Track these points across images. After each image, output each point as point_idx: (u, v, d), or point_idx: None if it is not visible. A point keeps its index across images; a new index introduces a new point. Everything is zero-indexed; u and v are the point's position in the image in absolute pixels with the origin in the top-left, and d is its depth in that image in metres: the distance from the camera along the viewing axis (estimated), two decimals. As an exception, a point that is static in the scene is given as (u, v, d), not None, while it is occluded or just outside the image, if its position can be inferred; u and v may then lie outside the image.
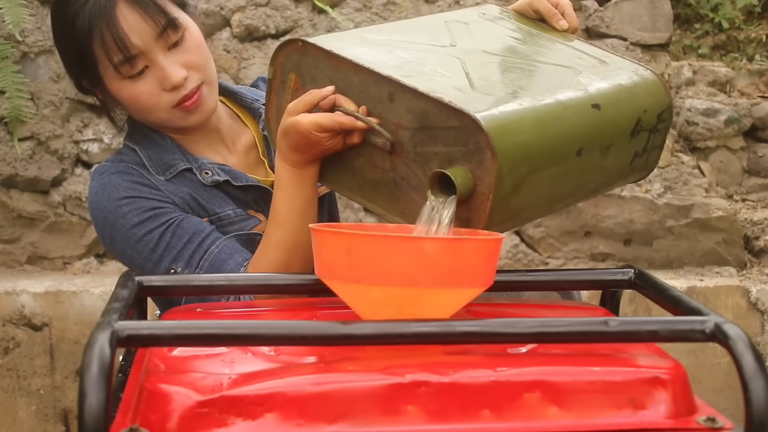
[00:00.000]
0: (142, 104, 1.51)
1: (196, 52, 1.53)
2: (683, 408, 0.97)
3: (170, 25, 1.49)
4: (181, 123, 1.54)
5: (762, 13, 4.36)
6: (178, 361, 1.01)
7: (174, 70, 1.49)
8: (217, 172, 1.57)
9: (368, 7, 3.22)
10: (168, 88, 1.50)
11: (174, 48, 1.50)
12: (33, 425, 2.98)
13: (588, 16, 3.36)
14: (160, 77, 1.49)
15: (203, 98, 1.53)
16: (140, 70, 1.49)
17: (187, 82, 1.51)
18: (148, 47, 1.48)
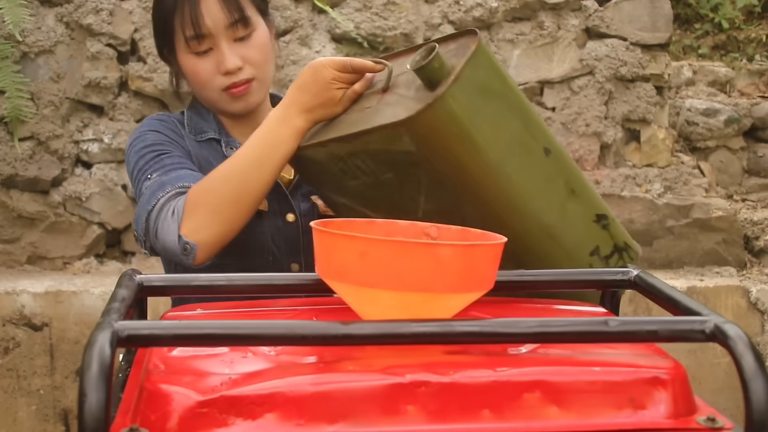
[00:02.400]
0: (198, 79, 1.69)
1: (257, 50, 1.70)
2: (683, 408, 0.97)
3: (241, 21, 1.67)
4: (226, 106, 1.71)
5: (762, 13, 4.36)
6: (178, 361, 1.01)
7: (231, 58, 1.66)
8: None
9: (368, 7, 3.23)
10: (222, 71, 1.67)
11: (239, 41, 1.68)
12: (33, 425, 2.98)
13: (588, 16, 3.36)
14: (219, 60, 1.66)
15: (250, 90, 1.70)
16: (205, 49, 1.67)
17: (240, 73, 1.68)
18: (217, 32, 1.66)
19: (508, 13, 3.32)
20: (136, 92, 3.21)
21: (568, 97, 3.36)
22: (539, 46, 3.35)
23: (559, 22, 3.36)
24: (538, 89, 3.37)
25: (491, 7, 3.27)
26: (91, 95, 3.20)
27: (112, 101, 3.21)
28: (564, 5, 3.34)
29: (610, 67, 3.35)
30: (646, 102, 3.40)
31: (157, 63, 3.16)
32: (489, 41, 3.32)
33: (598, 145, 3.39)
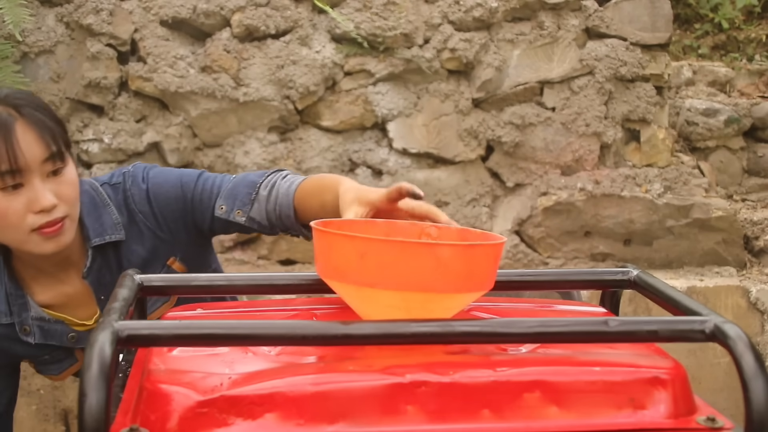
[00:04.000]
0: (6, 220, 1.55)
1: (70, 187, 1.58)
2: (683, 408, 0.97)
3: (57, 155, 1.55)
4: (35, 248, 1.58)
5: (762, 13, 4.36)
6: (178, 361, 1.01)
7: (46, 195, 1.54)
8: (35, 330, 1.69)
9: (368, 7, 3.23)
10: (36, 210, 1.54)
11: (52, 176, 1.55)
12: (33, 425, 2.98)
13: (588, 16, 3.36)
14: (32, 198, 1.53)
15: (64, 230, 1.58)
16: (15, 185, 1.53)
17: (54, 211, 1.55)
18: (32, 167, 1.52)
19: (508, 13, 3.32)
20: (136, 92, 3.21)
21: (568, 97, 3.36)
22: (539, 46, 3.35)
23: (559, 22, 3.36)
24: (538, 89, 3.37)
25: (491, 7, 3.27)
26: (91, 95, 3.20)
27: (112, 101, 3.21)
28: (564, 5, 3.34)
29: (610, 67, 3.35)
30: (646, 102, 3.40)
31: (157, 63, 3.16)
32: (489, 41, 3.32)
33: (598, 145, 3.39)
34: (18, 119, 1.51)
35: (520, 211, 3.37)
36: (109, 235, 1.65)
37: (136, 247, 1.67)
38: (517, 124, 3.33)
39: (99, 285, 1.67)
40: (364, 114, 3.27)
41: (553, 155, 3.36)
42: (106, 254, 1.67)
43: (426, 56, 3.24)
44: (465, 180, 3.34)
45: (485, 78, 3.30)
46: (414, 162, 3.31)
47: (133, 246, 1.67)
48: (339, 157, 3.27)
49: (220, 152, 3.23)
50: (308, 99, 3.22)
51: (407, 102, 3.27)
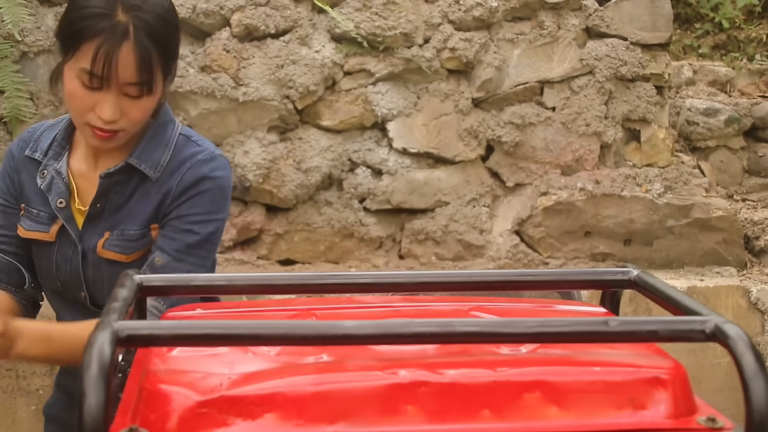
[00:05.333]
0: (72, 103, 1.65)
1: (140, 111, 1.65)
2: (683, 408, 0.97)
3: (144, 84, 1.61)
4: (84, 136, 1.69)
5: (762, 12, 4.36)
6: (178, 361, 1.01)
7: (111, 111, 1.62)
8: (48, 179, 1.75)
9: (368, 6, 3.22)
10: (97, 114, 1.62)
11: (129, 97, 1.63)
12: (32, 425, 2.98)
13: (588, 16, 3.36)
14: (101, 104, 1.62)
15: (114, 138, 1.66)
16: (94, 86, 1.61)
17: (113, 124, 1.63)
18: (116, 83, 1.60)
19: (508, 13, 3.32)
20: (135, 92, 3.21)
21: (568, 97, 3.36)
22: (539, 46, 3.35)
23: (559, 21, 3.36)
24: (538, 89, 3.37)
25: (491, 7, 3.27)
26: (91, 95, 3.20)
27: (111, 101, 3.20)
28: (564, 5, 3.34)
29: (610, 66, 3.35)
30: (646, 102, 3.40)
31: (157, 63, 3.16)
32: (489, 41, 3.32)
33: (598, 144, 3.39)
34: (129, 39, 1.57)
35: (520, 211, 3.37)
36: (147, 167, 1.71)
37: (153, 192, 1.71)
38: (517, 124, 3.33)
39: (104, 191, 1.72)
40: (364, 114, 3.26)
41: (553, 155, 3.36)
42: (131, 175, 1.72)
43: (426, 56, 3.24)
44: (465, 180, 3.34)
45: (485, 78, 3.30)
46: (414, 162, 3.31)
47: (152, 190, 1.71)
48: (339, 156, 3.27)
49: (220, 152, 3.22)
50: (308, 99, 3.22)
51: (407, 102, 3.27)
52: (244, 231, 3.26)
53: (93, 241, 1.73)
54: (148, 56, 1.59)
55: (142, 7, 1.59)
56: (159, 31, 1.61)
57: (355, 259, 3.31)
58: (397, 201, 3.29)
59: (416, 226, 3.31)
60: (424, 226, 3.31)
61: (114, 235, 1.72)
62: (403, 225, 3.35)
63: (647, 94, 3.40)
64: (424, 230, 3.31)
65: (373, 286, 1.22)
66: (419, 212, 3.33)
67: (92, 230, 1.73)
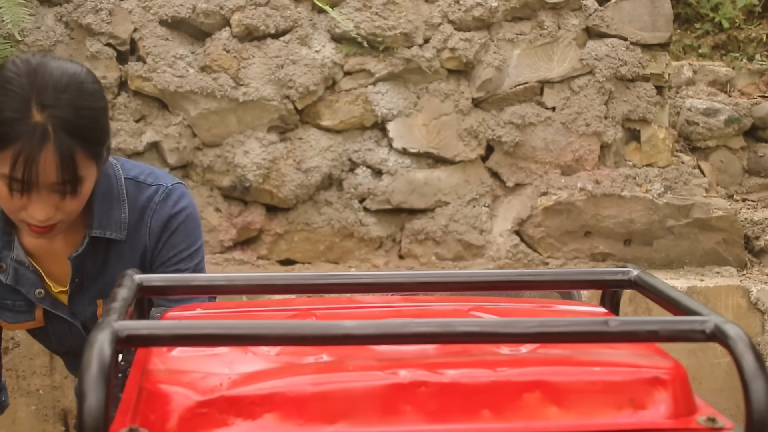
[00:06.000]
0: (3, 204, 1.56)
1: (75, 203, 1.55)
2: (683, 408, 0.97)
3: (70, 187, 1.51)
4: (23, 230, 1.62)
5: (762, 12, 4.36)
6: (178, 361, 1.01)
7: (42, 213, 1.52)
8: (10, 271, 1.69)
9: (368, 6, 3.22)
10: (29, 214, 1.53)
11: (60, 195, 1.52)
12: (32, 425, 2.98)
13: (588, 16, 3.36)
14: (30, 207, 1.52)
15: (54, 231, 1.57)
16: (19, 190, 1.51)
17: (48, 220, 1.54)
18: (43, 186, 1.50)
19: (508, 13, 3.32)
20: (135, 92, 3.21)
21: (568, 97, 3.36)
22: (539, 46, 3.35)
23: (559, 21, 3.36)
24: (538, 89, 3.37)
25: (491, 7, 3.27)
26: (91, 95, 3.20)
27: (111, 101, 3.20)
28: (564, 5, 3.34)
29: (610, 66, 3.35)
30: (646, 102, 3.40)
31: (157, 62, 3.16)
32: (489, 41, 3.32)
33: (598, 144, 3.39)
34: (49, 141, 1.46)
35: (520, 211, 3.37)
36: (111, 232, 1.66)
37: (127, 250, 1.68)
38: (517, 124, 3.33)
39: (79, 268, 1.68)
40: (364, 114, 3.26)
41: (553, 155, 3.36)
42: (98, 245, 1.67)
43: (426, 56, 3.24)
44: (465, 180, 3.34)
45: (485, 78, 3.30)
46: (414, 162, 3.31)
47: (126, 248, 1.68)
48: (339, 156, 3.26)
49: (220, 152, 3.22)
50: (308, 99, 3.22)
51: (407, 102, 3.27)
52: (244, 231, 3.26)
53: (86, 311, 1.72)
54: (71, 155, 1.47)
55: (57, 105, 1.47)
56: (79, 125, 1.48)
57: (355, 259, 3.31)
58: (397, 201, 3.29)
59: (416, 226, 3.31)
60: (424, 226, 3.31)
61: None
62: (403, 225, 3.35)
63: (647, 94, 3.40)
64: (424, 230, 3.31)
65: (373, 286, 1.22)
66: (419, 212, 3.33)
67: (80, 303, 1.71)
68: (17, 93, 1.47)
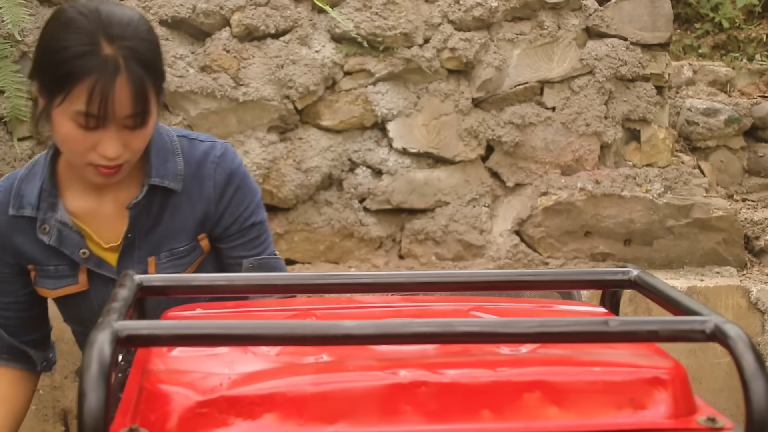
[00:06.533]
0: (69, 146, 1.57)
1: (141, 140, 1.58)
2: (683, 408, 0.97)
3: (140, 120, 1.55)
4: (86, 176, 1.62)
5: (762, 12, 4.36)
6: (178, 361, 1.01)
7: (113, 148, 1.54)
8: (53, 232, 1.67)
9: (368, 6, 3.22)
10: (99, 153, 1.56)
11: (129, 129, 1.56)
12: (32, 425, 2.98)
13: (588, 16, 3.36)
14: (101, 143, 1.54)
15: (119, 172, 1.60)
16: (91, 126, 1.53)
17: (116, 159, 1.57)
18: (114, 119, 1.53)
19: (508, 13, 3.32)
20: (135, 92, 3.21)
21: (568, 97, 3.36)
22: (539, 46, 3.35)
23: (559, 21, 3.36)
24: (538, 89, 3.37)
25: (491, 7, 3.27)
26: (91, 95, 3.20)
27: (111, 101, 3.20)
28: (564, 5, 3.34)
29: (610, 66, 3.35)
30: (646, 102, 3.40)
31: (157, 63, 3.16)
32: (489, 41, 3.32)
33: (598, 144, 3.39)
34: (122, 72, 1.50)
35: (520, 211, 3.37)
36: (168, 181, 1.67)
37: (184, 204, 1.69)
38: (517, 124, 3.33)
39: (134, 221, 1.68)
40: (364, 114, 3.26)
41: (553, 155, 3.36)
42: (154, 196, 1.68)
43: (426, 56, 3.24)
44: (465, 180, 3.34)
45: (485, 78, 3.30)
46: (414, 162, 3.31)
47: (183, 202, 1.69)
48: (339, 156, 3.26)
49: (220, 152, 3.22)
50: (308, 99, 3.22)
51: (407, 102, 3.27)
52: (244, 231, 3.26)
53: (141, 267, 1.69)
54: (143, 86, 1.52)
55: (125, 36, 1.52)
56: (147, 56, 1.54)
57: (355, 259, 3.31)
58: (397, 201, 3.29)
59: (416, 226, 3.31)
60: (424, 226, 3.31)
61: (162, 257, 1.69)
62: (403, 225, 3.35)
63: (647, 94, 3.40)
64: (424, 230, 3.31)
65: (373, 286, 1.22)
66: (419, 212, 3.33)
67: (130, 260, 1.69)
68: (83, 29, 1.50)
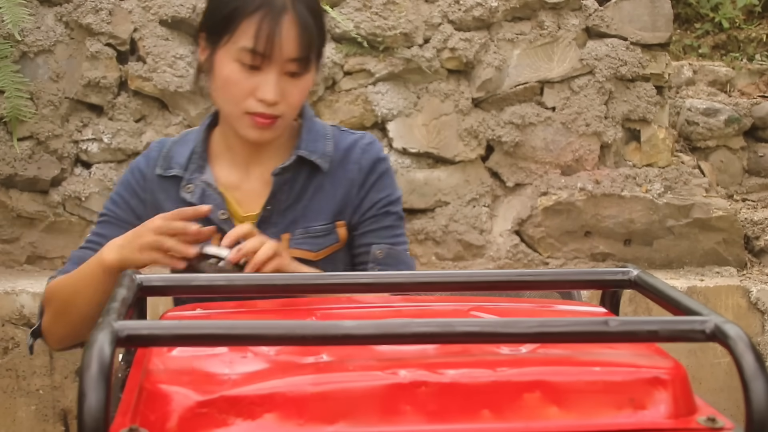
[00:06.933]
0: (229, 90, 1.59)
1: (298, 92, 1.62)
2: (683, 408, 0.97)
3: (305, 60, 1.58)
4: (240, 128, 1.62)
5: (762, 12, 4.36)
6: (178, 361, 1.01)
7: (274, 90, 1.57)
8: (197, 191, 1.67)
9: (368, 6, 3.22)
10: (258, 97, 1.58)
11: (289, 76, 1.59)
12: (32, 425, 2.98)
13: (588, 16, 3.36)
14: (261, 85, 1.57)
15: (273, 126, 1.61)
16: (254, 66, 1.56)
17: (274, 107, 1.58)
18: (277, 60, 1.56)
19: (508, 13, 3.32)
20: (135, 92, 3.21)
21: (568, 97, 3.36)
22: (539, 46, 3.35)
23: (559, 21, 3.36)
24: (538, 89, 3.37)
25: (491, 7, 3.27)
26: (91, 95, 3.20)
27: (111, 101, 3.20)
28: (564, 5, 3.34)
29: (610, 66, 3.35)
30: (646, 102, 3.40)
31: (157, 62, 3.16)
32: (489, 41, 3.32)
33: (598, 144, 3.39)
34: (288, 12, 1.54)
35: (520, 211, 3.37)
36: (316, 157, 1.67)
37: (328, 185, 1.68)
38: (517, 124, 3.33)
39: (276, 192, 1.66)
40: (364, 114, 3.26)
41: (553, 155, 3.36)
42: (300, 171, 1.67)
43: (426, 56, 3.24)
44: (465, 180, 3.34)
45: (485, 78, 3.30)
46: (414, 162, 3.31)
47: (327, 182, 1.68)
48: (339, 156, 3.27)
49: (220, 152, 3.22)
50: (308, 98, 3.22)
51: (407, 102, 3.27)
52: (244, 231, 3.26)
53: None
54: (309, 30, 1.55)
55: None
56: (313, 5, 1.58)
57: (355, 259, 3.31)
58: (397, 201, 3.29)
59: (416, 226, 3.31)
60: (424, 226, 3.31)
61: (298, 234, 1.66)
62: (403, 225, 3.35)
63: (647, 94, 3.40)
64: (424, 230, 3.31)
65: (373, 286, 1.22)
66: (419, 212, 3.33)
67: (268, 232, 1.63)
68: None
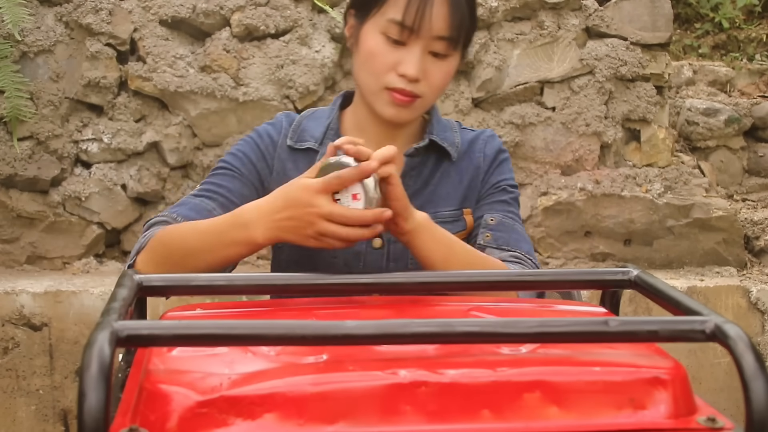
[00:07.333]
0: (371, 63, 1.57)
1: (440, 74, 1.58)
2: (683, 408, 0.97)
3: (452, 40, 1.55)
4: (377, 105, 1.60)
5: (762, 12, 4.36)
6: (178, 361, 1.01)
7: (415, 66, 1.54)
8: None
9: (368, 6, 3.22)
10: (400, 72, 1.55)
11: (433, 56, 1.56)
12: (32, 425, 2.98)
13: (588, 16, 3.36)
14: (404, 61, 1.55)
15: (412, 106, 1.58)
16: (400, 41, 1.54)
17: (414, 85, 1.56)
18: (424, 37, 1.54)
19: (508, 13, 3.32)
20: (135, 92, 3.21)
21: (568, 97, 3.36)
22: (539, 46, 3.35)
23: (559, 21, 3.36)
24: (538, 89, 3.37)
25: (491, 7, 3.27)
26: (91, 95, 3.20)
27: (111, 101, 3.20)
28: (564, 5, 3.34)
29: (610, 66, 3.35)
30: (646, 102, 3.40)
31: (157, 62, 3.16)
32: (489, 41, 3.32)
33: (598, 144, 3.39)
34: None
35: (521, 210, 3.37)
36: (447, 146, 1.67)
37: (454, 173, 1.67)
38: (517, 124, 3.33)
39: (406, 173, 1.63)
40: (364, 114, 3.26)
41: (553, 155, 3.36)
42: (429, 157, 1.67)
43: (426, 56, 3.24)
44: (465, 180, 3.34)
45: (485, 77, 3.30)
46: (414, 162, 3.31)
47: (453, 171, 1.67)
48: (339, 156, 3.26)
49: (220, 152, 3.22)
50: (308, 98, 3.22)
51: (407, 102, 3.27)
52: (244, 231, 3.26)
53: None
54: (461, 9, 1.53)
55: None
56: None
57: (355, 259, 3.31)
58: (397, 201, 3.29)
59: (416, 226, 3.31)
60: (424, 226, 3.31)
61: None
62: (403, 225, 3.34)
63: (647, 94, 3.40)
64: (424, 230, 3.31)
65: (373, 286, 1.22)
66: (419, 212, 3.33)
67: None
68: None
